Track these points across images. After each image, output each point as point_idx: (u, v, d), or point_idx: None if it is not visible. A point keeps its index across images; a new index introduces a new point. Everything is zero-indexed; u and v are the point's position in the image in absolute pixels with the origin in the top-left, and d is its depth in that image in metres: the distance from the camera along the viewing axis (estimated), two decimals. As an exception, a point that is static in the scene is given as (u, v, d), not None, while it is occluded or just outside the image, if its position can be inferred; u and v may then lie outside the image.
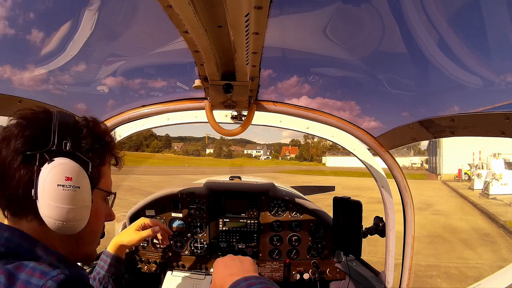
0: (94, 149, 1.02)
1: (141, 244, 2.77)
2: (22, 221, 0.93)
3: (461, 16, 1.31)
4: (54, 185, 0.89)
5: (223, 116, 2.04)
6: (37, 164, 0.90)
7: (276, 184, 2.87)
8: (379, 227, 2.11)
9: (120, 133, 2.23)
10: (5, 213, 0.93)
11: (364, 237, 2.06)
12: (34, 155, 0.90)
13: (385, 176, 2.11)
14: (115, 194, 1.12)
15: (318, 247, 2.69)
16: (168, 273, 1.82)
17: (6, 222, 0.94)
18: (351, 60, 1.73)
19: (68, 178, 0.91)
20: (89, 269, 1.98)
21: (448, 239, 10.35)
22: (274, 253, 2.71)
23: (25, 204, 0.90)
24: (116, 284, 1.63)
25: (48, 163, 0.90)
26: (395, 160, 1.94)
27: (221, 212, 2.72)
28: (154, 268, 2.74)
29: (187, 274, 1.80)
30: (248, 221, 2.69)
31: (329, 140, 2.19)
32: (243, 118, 1.99)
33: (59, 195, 0.90)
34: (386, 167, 1.99)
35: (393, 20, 1.40)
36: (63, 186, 0.91)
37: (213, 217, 2.72)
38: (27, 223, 0.93)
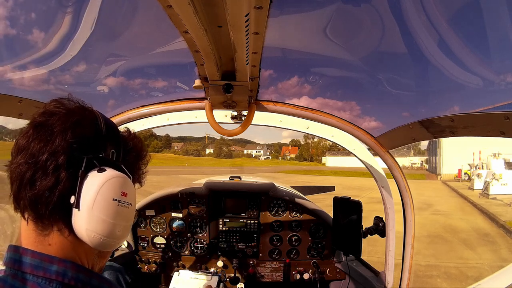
0: (135, 165, 0.98)
1: (141, 244, 2.77)
2: (47, 229, 0.81)
3: (461, 16, 1.31)
4: (109, 199, 0.82)
5: (223, 116, 2.04)
6: (82, 169, 0.80)
7: (276, 184, 2.87)
8: (379, 227, 2.11)
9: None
10: (26, 215, 0.80)
11: (364, 237, 2.06)
12: (81, 158, 0.81)
13: (385, 176, 2.11)
14: (138, 212, 1.05)
15: (318, 247, 2.69)
16: (175, 273, 1.82)
17: (23, 225, 0.82)
18: (351, 60, 1.72)
19: (124, 194, 0.85)
20: None
21: (448, 239, 10.35)
22: (274, 253, 2.71)
23: (57, 210, 0.79)
24: None
25: (98, 172, 0.82)
26: (395, 160, 1.94)
27: (221, 212, 2.72)
28: (154, 268, 2.74)
29: (193, 274, 1.80)
30: (248, 221, 2.69)
31: (329, 140, 2.20)
32: (243, 118, 1.99)
33: (113, 210, 0.83)
34: (386, 167, 1.99)
35: (393, 20, 1.40)
36: (118, 201, 0.84)
37: (213, 217, 2.72)
38: (55, 233, 0.81)
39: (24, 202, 0.79)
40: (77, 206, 0.79)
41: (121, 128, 1.02)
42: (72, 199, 0.79)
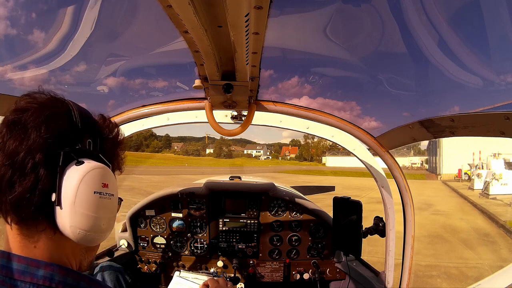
0: (113, 153, 0.95)
1: (141, 244, 2.77)
2: (31, 231, 0.78)
3: (461, 16, 1.31)
4: (89, 192, 0.79)
5: (223, 116, 2.04)
6: (60, 165, 0.77)
7: (276, 184, 2.87)
8: (379, 227, 2.11)
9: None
10: (9, 219, 0.77)
11: (364, 237, 2.06)
12: (58, 153, 0.77)
13: (385, 176, 2.11)
14: (122, 200, 1.01)
15: (318, 247, 2.69)
16: (176, 273, 1.82)
17: (8, 228, 0.79)
18: (351, 60, 1.73)
19: (105, 185, 0.82)
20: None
21: (448, 239, 10.34)
22: (274, 253, 2.71)
23: (40, 210, 0.76)
24: None
25: (76, 165, 0.79)
26: (395, 160, 1.94)
27: (221, 212, 2.72)
28: (154, 268, 2.74)
29: (194, 276, 1.79)
30: (248, 221, 2.69)
31: (329, 140, 2.19)
32: (243, 118, 1.99)
33: (95, 204, 0.80)
34: (386, 167, 1.99)
35: (393, 20, 1.40)
36: (100, 193, 0.81)
37: (213, 217, 2.72)
38: (39, 233, 0.79)
39: (5, 206, 0.75)
40: (59, 204, 0.76)
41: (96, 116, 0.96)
42: (53, 196, 0.76)
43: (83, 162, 0.80)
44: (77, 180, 0.77)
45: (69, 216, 0.77)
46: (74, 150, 0.80)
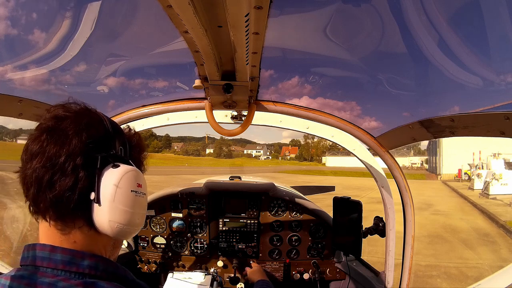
0: (138, 159, 1.06)
1: (141, 244, 2.77)
2: (69, 227, 0.87)
3: (461, 16, 1.31)
4: (127, 190, 0.90)
5: (223, 116, 2.04)
6: (98, 167, 0.87)
7: (276, 184, 2.87)
8: (379, 227, 2.11)
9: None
10: (47, 217, 0.85)
11: (364, 237, 2.06)
12: (96, 156, 0.87)
13: (385, 176, 2.11)
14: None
15: (318, 247, 2.69)
16: (169, 275, 1.83)
17: (44, 226, 0.87)
18: (351, 60, 1.73)
19: (139, 185, 0.94)
20: None
21: (448, 239, 10.35)
22: (274, 253, 2.71)
23: (78, 207, 0.85)
24: None
25: (113, 168, 0.90)
26: (395, 160, 1.94)
27: (221, 212, 2.72)
28: (154, 268, 2.74)
29: (187, 275, 1.81)
30: (248, 221, 2.69)
31: (329, 140, 2.19)
32: (243, 118, 1.99)
33: (132, 201, 0.91)
34: (386, 167, 1.99)
35: (393, 20, 1.40)
36: (136, 192, 0.92)
37: (213, 217, 2.72)
38: (77, 230, 0.87)
39: (45, 204, 0.83)
40: (98, 201, 0.85)
41: (122, 126, 1.08)
42: (92, 195, 0.85)
43: (119, 166, 0.91)
44: (116, 179, 0.88)
45: (108, 211, 0.86)
46: (110, 155, 0.91)
